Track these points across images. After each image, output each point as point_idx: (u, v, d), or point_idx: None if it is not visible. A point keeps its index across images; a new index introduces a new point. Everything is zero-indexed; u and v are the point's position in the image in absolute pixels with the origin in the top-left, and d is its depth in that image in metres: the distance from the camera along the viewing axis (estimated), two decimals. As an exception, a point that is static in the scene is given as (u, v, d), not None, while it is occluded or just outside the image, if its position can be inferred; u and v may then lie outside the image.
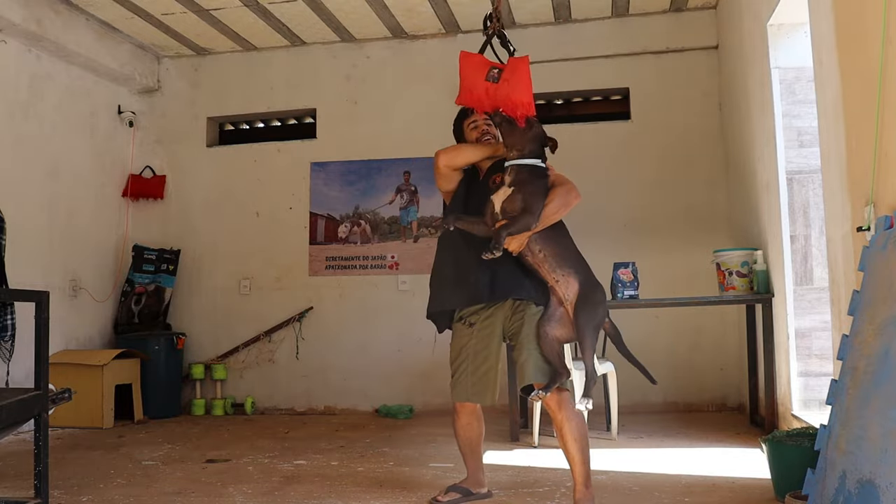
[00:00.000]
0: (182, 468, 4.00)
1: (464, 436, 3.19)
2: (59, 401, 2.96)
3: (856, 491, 2.13)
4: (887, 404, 2.09)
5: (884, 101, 2.46)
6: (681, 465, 3.81)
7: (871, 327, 2.32)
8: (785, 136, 4.21)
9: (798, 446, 2.90)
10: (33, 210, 5.55)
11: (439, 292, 3.18)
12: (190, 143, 6.72)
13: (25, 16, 5.22)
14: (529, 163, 2.95)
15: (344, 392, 6.23)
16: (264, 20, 5.99)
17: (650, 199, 5.94)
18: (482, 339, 3.09)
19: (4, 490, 3.53)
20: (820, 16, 3.16)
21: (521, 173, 2.93)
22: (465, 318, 3.13)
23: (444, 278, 3.17)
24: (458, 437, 3.21)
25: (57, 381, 3.33)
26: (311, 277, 6.42)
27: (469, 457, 3.23)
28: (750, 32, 4.71)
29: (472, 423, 3.17)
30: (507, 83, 3.02)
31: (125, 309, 6.31)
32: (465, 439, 3.20)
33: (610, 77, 6.14)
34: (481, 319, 3.10)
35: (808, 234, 4.14)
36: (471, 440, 3.20)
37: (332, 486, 3.52)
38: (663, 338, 5.80)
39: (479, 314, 3.10)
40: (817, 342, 4.06)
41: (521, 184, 2.91)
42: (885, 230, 2.40)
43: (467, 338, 3.11)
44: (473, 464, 3.23)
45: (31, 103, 5.58)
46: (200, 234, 6.61)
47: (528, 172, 2.93)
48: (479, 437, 3.23)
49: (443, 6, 5.82)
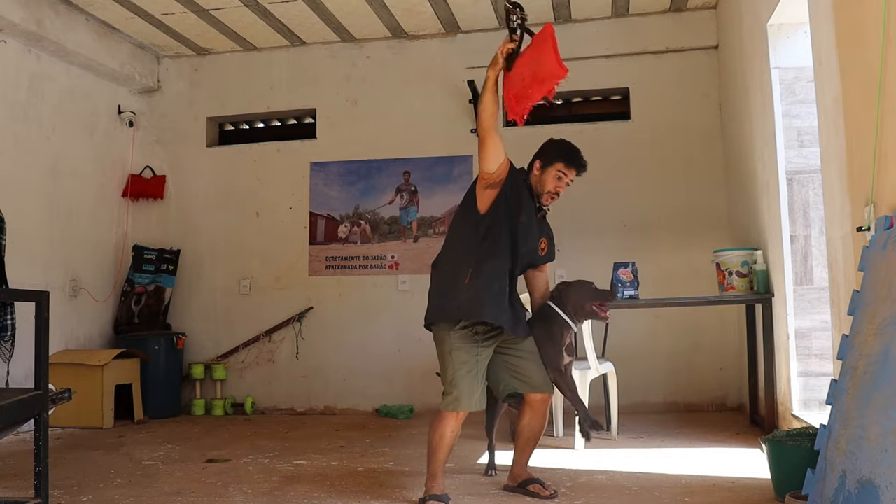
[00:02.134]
0: (182, 468, 4.00)
1: (451, 443, 3.13)
2: (59, 401, 2.96)
3: (856, 491, 2.13)
4: (887, 404, 2.09)
5: (884, 101, 2.46)
6: (681, 465, 3.81)
7: (871, 327, 2.32)
8: (785, 136, 4.21)
9: (798, 446, 2.90)
10: (33, 210, 5.55)
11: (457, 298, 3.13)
12: (190, 143, 6.72)
13: (25, 16, 5.22)
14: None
15: (344, 392, 6.23)
16: (264, 20, 5.99)
17: (650, 199, 5.94)
18: (486, 352, 3.17)
19: (4, 490, 3.53)
20: (820, 16, 3.16)
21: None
22: (472, 329, 3.14)
23: (478, 287, 3.11)
24: (445, 444, 3.12)
25: (57, 381, 3.32)
26: (311, 277, 6.42)
27: (444, 463, 3.17)
28: (750, 32, 4.71)
29: (458, 430, 3.15)
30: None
31: (125, 309, 6.31)
32: (450, 446, 3.14)
33: (610, 77, 6.14)
34: (485, 335, 3.16)
35: (808, 234, 4.14)
36: (452, 447, 3.18)
37: (332, 486, 3.52)
38: (663, 338, 5.80)
39: (484, 331, 3.16)
40: (817, 342, 4.06)
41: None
42: (885, 230, 2.40)
43: (475, 349, 3.13)
44: (443, 468, 3.19)
45: (31, 103, 5.58)
46: (200, 234, 6.61)
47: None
48: None
49: (443, 6, 5.82)
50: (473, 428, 3.78)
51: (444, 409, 3.12)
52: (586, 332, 4.37)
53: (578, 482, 3.45)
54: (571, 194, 6.11)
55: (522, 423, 3.32)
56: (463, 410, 3.10)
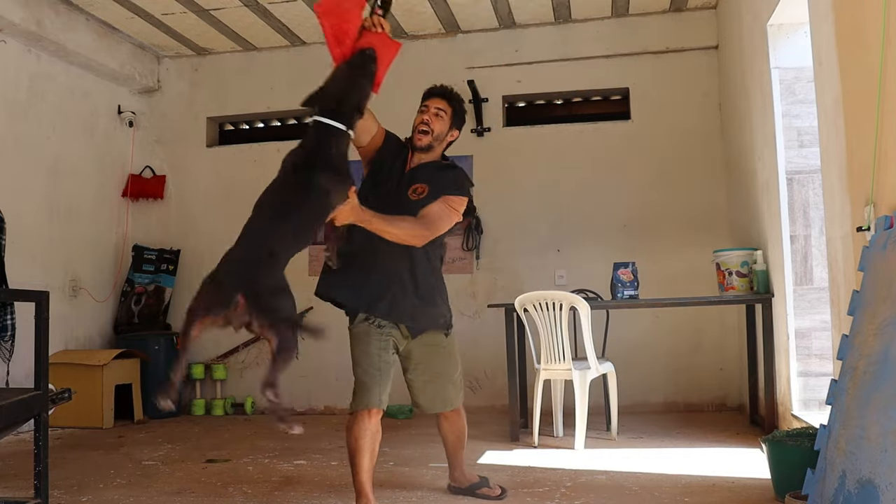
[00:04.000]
0: (182, 468, 4.00)
1: (375, 445, 2.90)
2: (59, 401, 2.96)
3: (855, 491, 2.13)
4: (887, 404, 2.09)
5: (884, 101, 2.46)
6: (681, 465, 3.81)
7: (871, 327, 2.32)
8: (785, 136, 4.21)
9: (798, 446, 2.90)
10: (33, 210, 5.55)
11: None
12: (190, 143, 6.72)
13: (25, 16, 5.22)
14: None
15: (344, 392, 6.15)
16: (264, 20, 5.99)
17: (650, 199, 5.94)
18: (387, 345, 2.98)
19: (4, 490, 3.53)
20: (820, 16, 3.16)
21: None
22: (373, 321, 2.97)
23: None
24: (370, 446, 2.87)
25: (57, 381, 3.33)
26: (311, 277, 6.37)
27: (371, 471, 2.91)
28: (750, 32, 4.71)
29: (380, 428, 2.94)
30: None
31: (125, 309, 6.31)
32: (374, 448, 2.90)
33: (610, 77, 6.14)
34: (387, 328, 2.99)
35: (808, 234, 4.14)
36: (376, 450, 2.93)
37: (332, 486, 3.52)
38: (663, 338, 5.80)
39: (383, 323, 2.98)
40: (817, 342, 4.06)
41: None
42: (885, 230, 2.40)
43: (378, 341, 2.96)
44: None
45: (31, 103, 5.58)
46: (200, 234, 6.60)
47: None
48: None
49: (443, 6, 5.82)
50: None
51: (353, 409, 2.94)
52: (586, 332, 4.37)
53: (578, 482, 3.45)
54: (572, 194, 6.18)
55: (443, 433, 3.29)
56: (377, 407, 2.90)
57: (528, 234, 6.04)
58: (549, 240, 6.05)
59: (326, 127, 2.53)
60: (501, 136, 6.22)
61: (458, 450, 3.30)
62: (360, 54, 2.61)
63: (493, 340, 5.52)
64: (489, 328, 5.78)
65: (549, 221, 6.08)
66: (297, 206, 2.44)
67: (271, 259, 2.33)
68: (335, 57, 2.65)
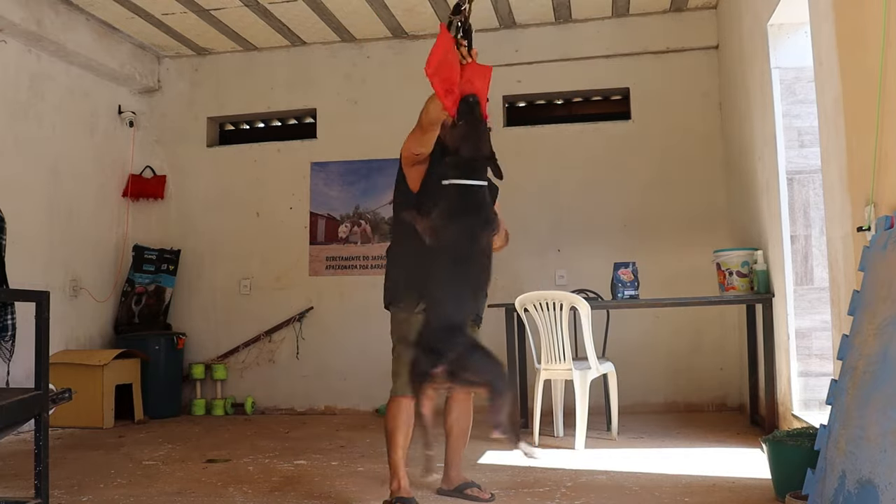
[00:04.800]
0: (182, 468, 4.00)
1: (409, 425, 2.97)
2: (59, 401, 2.96)
3: (855, 491, 2.13)
4: (887, 404, 2.09)
5: (884, 101, 2.46)
6: (681, 465, 3.81)
7: (871, 327, 2.32)
8: (785, 136, 4.21)
9: (798, 446, 2.90)
10: (33, 210, 5.55)
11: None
12: (190, 143, 6.72)
13: (25, 16, 5.22)
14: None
15: (344, 392, 6.23)
16: (264, 20, 5.99)
17: (650, 199, 5.94)
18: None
19: (4, 490, 3.53)
20: (820, 16, 3.16)
21: None
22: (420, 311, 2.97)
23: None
24: (406, 425, 2.96)
25: (57, 381, 3.32)
26: (311, 277, 6.42)
27: (406, 449, 3.00)
28: (750, 32, 4.71)
29: (415, 413, 2.85)
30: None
31: (125, 309, 6.31)
32: (409, 429, 2.97)
33: (610, 77, 6.14)
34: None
35: (809, 234, 4.14)
36: (410, 432, 2.99)
37: (332, 486, 3.52)
38: (663, 338, 5.81)
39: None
40: (817, 342, 4.06)
41: None
42: (885, 230, 2.40)
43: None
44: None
45: (31, 103, 5.58)
46: (200, 234, 6.61)
47: None
48: None
49: (443, 6, 5.82)
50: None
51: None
52: (587, 332, 4.37)
53: (578, 482, 3.45)
54: (572, 194, 6.18)
55: (450, 420, 3.23)
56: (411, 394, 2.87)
57: (529, 234, 6.03)
58: (549, 240, 6.06)
59: (474, 188, 2.65)
60: (502, 136, 6.19)
61: (460, 447, 3.29)
62: (465, 103, 2.76)
63: (494, 340, 5.50)
64: (489, 328, 5.73)
65: (550, 221, 6.08)
66: (479, 275, 2.65)
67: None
68: (448, 107, 2.78)
